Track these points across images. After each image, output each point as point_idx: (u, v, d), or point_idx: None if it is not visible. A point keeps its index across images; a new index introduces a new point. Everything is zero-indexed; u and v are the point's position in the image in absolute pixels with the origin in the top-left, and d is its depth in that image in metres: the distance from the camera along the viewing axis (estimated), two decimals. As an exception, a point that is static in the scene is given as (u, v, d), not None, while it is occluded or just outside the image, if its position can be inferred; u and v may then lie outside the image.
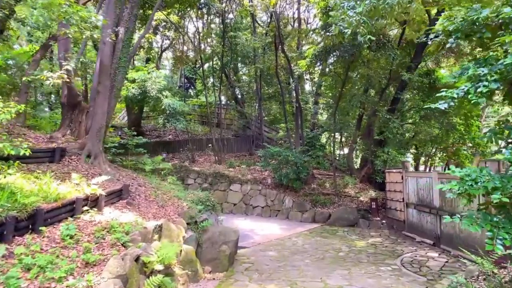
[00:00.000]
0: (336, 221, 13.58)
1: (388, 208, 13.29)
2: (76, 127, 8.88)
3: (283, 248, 9.87)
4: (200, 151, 20.27)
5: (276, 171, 15.78)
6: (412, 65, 15.52)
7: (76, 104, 8.98)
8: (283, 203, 15.31)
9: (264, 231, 12.30)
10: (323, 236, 11.61)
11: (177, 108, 15.13)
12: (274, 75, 17.80)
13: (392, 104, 16.18)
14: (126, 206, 7.37)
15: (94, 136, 8.33)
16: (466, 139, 17.10)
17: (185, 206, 8.49)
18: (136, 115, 20.04)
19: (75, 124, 8.92)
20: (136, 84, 15.28)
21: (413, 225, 11.38)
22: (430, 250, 9.67)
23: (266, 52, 18.27)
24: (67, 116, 8.96)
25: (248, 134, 22.07)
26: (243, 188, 16.35)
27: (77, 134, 8.87)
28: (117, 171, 9.16)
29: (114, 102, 9.02)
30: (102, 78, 8.46)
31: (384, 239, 11.14)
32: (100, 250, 5.23)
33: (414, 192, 11.28)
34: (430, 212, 10.22)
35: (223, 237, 8.17)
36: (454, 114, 16.79)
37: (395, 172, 12.81)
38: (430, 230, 10.33)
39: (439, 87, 16.51)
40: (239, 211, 15.95)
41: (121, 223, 6.13)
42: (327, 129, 17.89)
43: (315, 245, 10.19)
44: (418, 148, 21.26)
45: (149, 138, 20.85)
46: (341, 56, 11.81)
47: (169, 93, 15.70)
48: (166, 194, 8.85)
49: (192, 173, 17.14)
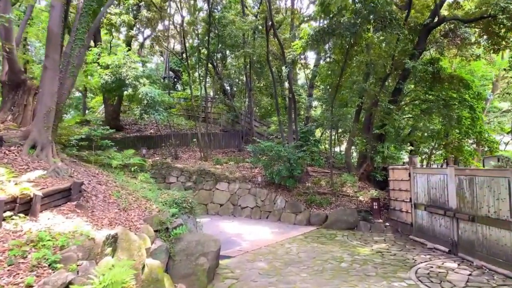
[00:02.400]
0: (333, 224, 12.15)
1: (392, 209, 11.91)
2: (20, 111, 7.22)
3: (275, 257, 8.36)
4: (184, 147, 18.65)
5: (267, 168, 14.27)
6: (416, 52, 14.22)
7: (20, 83, 7.32)
8: (275, 204, 13.82)
9: (253, 235, 10.79)
10: (321, 241, 10.15)
11: (156, 98, 13.47)
12: (265, 64, 16.29)
13: (393, 95, 14.84)
14: (74, 210, 5.75)
15: (40, 122, 6.69)
16: (472, 134, 15.83)
17: (154, 209, 6.90)
18: (114, 107, 18.29)
19: (19, 108, 7.26)
20: (110, 70, 13.56)
21: (422, 228, 10.00)
22: (446, 259, 8.27)
23: (256, 38, 16.73)
24: (9, 98, 7.29)
25: (237, 129, 20.51)
26: (230, 187, 14.81)
27: (22, 120, 7.21)
28: (74, 166, 7.51)
29: (70, 81, 7.39)
30: (50, 50, 6.82)
31: (390, 245, 9.73)
32: (12, 277, 3.63)
33: (424, 191, 9.90)
34: (444, 214, 8.83)
35: (201, 247, 6.61)
36: (458, 107, 15.56)
37: (401, 169, 11.42)
38: (445, 235, 8.94)
39: (444, 77, 15.28)
40: (226, 213, 14.41)
41: (56, 235, 4.52)
42: (322, 123, 16.42)
43: (312, 254, 8.71)
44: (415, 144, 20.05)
45: (129, 132, 19.18)
46: (341, 35, 10.36)
47: (148, 80, 14.01)
48: (133, 194, 7.25)
49: (175, 171, 15.52)
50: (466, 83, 15.48)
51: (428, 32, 14.76)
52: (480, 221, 7.71)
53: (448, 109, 15.42)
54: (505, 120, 23.42)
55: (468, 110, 15.70)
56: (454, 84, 15.33)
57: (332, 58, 13.85)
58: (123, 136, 18.00)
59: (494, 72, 23.02)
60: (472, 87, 15.70)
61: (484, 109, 19.41)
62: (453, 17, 15.05)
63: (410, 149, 19.74)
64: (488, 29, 14.94)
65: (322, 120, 16.53)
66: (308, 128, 17.12)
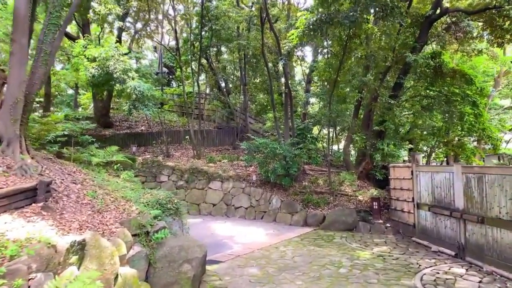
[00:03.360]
0: (331, 225, 11.54)
1: (393, 209, 11.31)
2: (-15, 102, 6.56)
3: (268, 262, 7.74)
4: (177, 144, 17.99)
5: (262, 166, 13.65)
6: (417, 45, 13.62)
7: (-14, 71, 6.67)
8: (270, 203, 13.21)
9: (247, 237, 10.16)
10: (318, 244, 9.53)
11: (145, 92, 12.78)
12: (260, 57, 15.64)
13: (393, 90, 14.23)
14: (39, 212, 5.09)
15: (6, 114, 6.03)
16: (476, 131, 15.25)
17: (134, 210, 6.25)
18: (104, 103, 17.58)
19: (-16, 99, 6.61)
20: (97, 63, 12.84)
21: (426, 230, 9.40)
22: (452, 263, 7.68)
23: (251, 31, 16.04)
24: (-26, 89, 6.64)
25: (232, 126, 19.85)
26: (224, 186, 14.17)
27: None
28: (48, 164, 6.84)
29: (43, 70, 6.71)
30: (17, 34, 6.14)
31: (391, 248, 9.12)
32: None
33: (428, 191, 9.29)
34: (450, 215, 8.23)
35: (184, 253, 5.97)
36: (461, 103, 14.98)
37: (403, 166, 10.82)
38: (451, 237, 8.35)
39: (446, 72, 14.68)
40: (219, 213, 13.77)
41: (6, 242, 3.86)
42: (320, 119, 15.79)
43: (308, 258, 8.09)
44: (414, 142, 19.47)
45: (118, 129, 18.50)
46: (339, 24, 9.71)
47: (137, 74, 13.32)
48: (111, 194, 6.59)
49: (166, 169, 14.87)
50: (469, 78, 14.88)
51: (430, 25, 14.15)
52: (490, 223, 7.11)
53: (450, 105, 14.86)
54: (507, 117, 22.88)
55: (470, 106, 15.14)
56: (457, 79, 14.75)
57: (330, 50, 13.19)
58: (113, 133, 17.31)
59: (496, 68, 22.48)
60: (475, 83, 15.11)
61: (486, 105, 18.81)
62: (455, 9, 14.47)
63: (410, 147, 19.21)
64: (492, 22, 14.36)
65: (320, 117, 15.90)
66: (305, 125, 16.49)
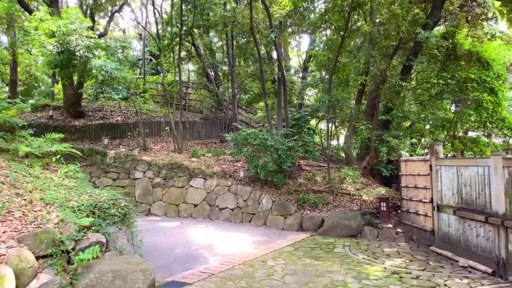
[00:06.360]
0: (331, 229, 9.72)
1: (405, 211, 9.51)
2: None
3: (250, 284, 5.87)
4: (157, 137, 16.10)
5: (251, 161, 11.79)
6: (429, 22, 11.83)
7: None
8: (260, 204, 11.37)
9: (228, 247, 8.31)
10: (315, 256, 7.69)
11: (113, 73, 10.86)
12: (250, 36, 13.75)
13: (402, 73, 12.42)
14: None
15: None
16: (494, 121, 13.51)
17: (52, 219, 4.36)
18: (74, 90, 15.59)
19: None
20: (56, 39, 10.89)
21: (449, 238, 7.59)
22: (493, 284, 5.87)
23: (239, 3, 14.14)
24: None
25: (220, 117, 17.96)
26: (207, 183, 12.31)
27: None
28: None
29: None
30: None
31: (407, 261, 7.31)
32: None
33: (453, 189, 7.48)
34: (486, 221, 6.42)
35: (121, 282, 4.08)
36: (477, 90, 13.24)
37: (418, 160, 9.00)
38: (485, 249, 6.54)
39: (461, 55, 12.94)
40: (201, 215, 11.93)
41: None
42: (317, 108, 13.95)
43: (303, 277, 6.24)
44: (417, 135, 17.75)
45: (91, 120, 16.56)
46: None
47: (104, 52, 11.37)
48: (26, 195, 4.68)
49: (141, 164, 12.98)
50: (485, 61, 13.13)
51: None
52: (545, 233, 5.31)
53: (464, 92, 13.13)
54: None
55: (488, 93, 13.38)
56: (473, 63, 12.99)
57: (331, 24, 11.31)
58: (84, 124, 15.37)
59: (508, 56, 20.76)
60: (492, 67, 13.34)
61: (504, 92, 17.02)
62: (473, -20, 12.67)
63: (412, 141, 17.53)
64: (511, 0, 12.64)
65: (318, 106, 14.06)
66: (301, 115, 14.61)
